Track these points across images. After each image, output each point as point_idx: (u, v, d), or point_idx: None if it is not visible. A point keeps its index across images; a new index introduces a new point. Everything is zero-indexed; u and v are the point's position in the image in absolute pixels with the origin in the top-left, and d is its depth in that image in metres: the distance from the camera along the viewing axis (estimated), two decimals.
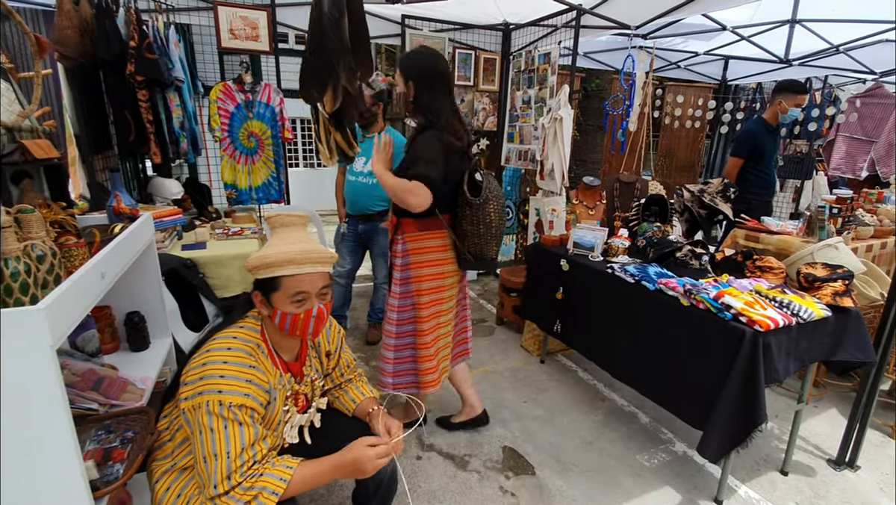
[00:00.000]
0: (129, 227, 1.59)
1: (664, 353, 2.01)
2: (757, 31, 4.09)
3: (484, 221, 1.87)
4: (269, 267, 1.21)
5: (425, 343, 2.00)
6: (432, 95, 1.85)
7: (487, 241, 1.91)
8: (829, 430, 2.46)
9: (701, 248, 2.24)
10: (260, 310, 1.28)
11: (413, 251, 1.95)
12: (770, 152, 3.27)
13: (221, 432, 1.10)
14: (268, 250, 1.22)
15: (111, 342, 1.83)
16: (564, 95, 3.49)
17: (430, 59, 1.88)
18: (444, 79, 1.88)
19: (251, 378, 1.17)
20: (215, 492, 1.10)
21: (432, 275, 1.97)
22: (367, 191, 2.91)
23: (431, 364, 2.02)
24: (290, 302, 1.22)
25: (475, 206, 1.85)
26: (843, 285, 1.88)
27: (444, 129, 1.82)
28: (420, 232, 1.93)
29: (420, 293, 1.97)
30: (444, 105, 1.85)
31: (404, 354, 2.06)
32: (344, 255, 3.06)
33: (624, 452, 2.24)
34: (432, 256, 1.96)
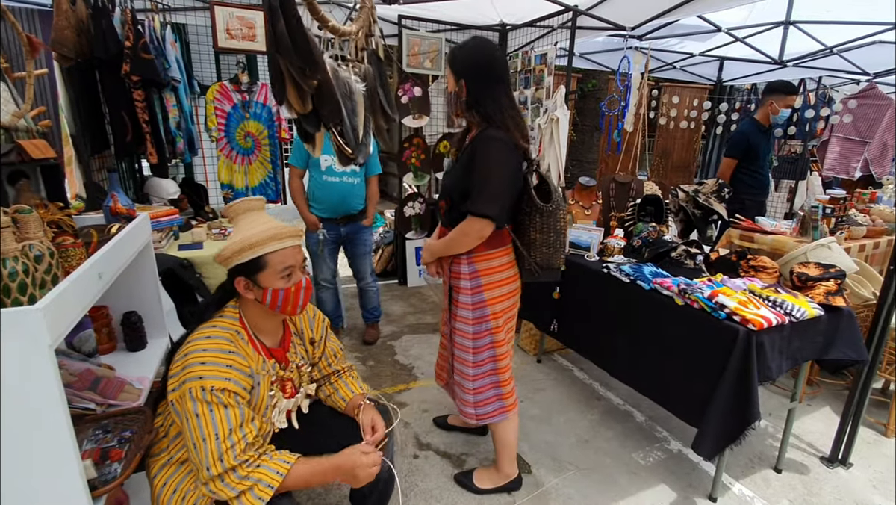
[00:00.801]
0: (126, 227, 1.59)
1: (660, 351, 2.02)
2: (751, 32, 4.11)
3: (555, 228, 1.67)
4: (252, 248, 1.23)
5: (504, 367, 1.83)
6: (489, 91, 1.61)
7: (557, 250, 1.71)
8: (822, 428, 2.48)
9: (696, 247, 2.26)
10: (245, 295, 1.28)
11: (484, 272, 1.73)
12: (763, 153, 3.30)
13: (207, 416, 1.12)
14: (244, 233, 1.24)
15: (108, 342, 1.83)
16: (560, 96, 3.51)
17: (483, 51, 1.64)
18: (500, 70, 1.65)
19: (231, 363, 1.19)
20: (209, 474, 1.11)
21: (505, 295, 1.78)
22: (354, 190, 2.88)
23: (511, 387, 1.88)
24: (280, 277, 1.27)
25: (546, 213, 1.64)
26: (835, 285, 1.90)
27: (507, 128, 1.59)
28: (489, 251, 1.72)
29: (496, 316, 1.78)
30: (503, 100, 1.62)
31: (485, 381, 1.85)
32: (327, 261, 3.00)
33: (619, 451, 2.26)
34: (504, 274, 1.76)
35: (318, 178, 2.80)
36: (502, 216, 1.62)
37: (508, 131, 1.58)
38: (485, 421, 1.87)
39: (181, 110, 2.88)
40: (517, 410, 1.91)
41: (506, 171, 1.58)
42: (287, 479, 1.16)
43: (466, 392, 1.85)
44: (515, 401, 1.90)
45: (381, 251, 4.94)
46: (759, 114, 3.30)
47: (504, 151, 1.57)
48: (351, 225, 2.95)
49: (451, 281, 1.81)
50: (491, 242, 1.70)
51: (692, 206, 2.42)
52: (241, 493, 1.12)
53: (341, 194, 2.84)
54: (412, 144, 4.18)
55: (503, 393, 1.85)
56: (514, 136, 1.59)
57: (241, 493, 1.12)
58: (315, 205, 2.87)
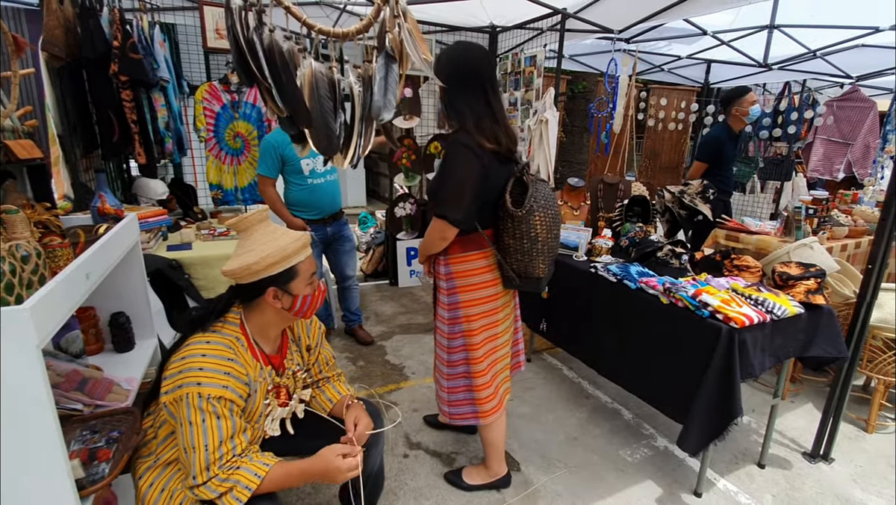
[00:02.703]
0: (114, 227, 1.59)
1: (646, 349, 2.05)
2: (737, 35, 4.18)
3: (528, 235, 1.62)
4: (287, 259, 1.27)
5: (480, 371, 1.79)
6: (462, 95, 1.61)
7: (533, 258, 1.65)
8: (804, 424, 2.53)
9: (681, 247, 2.30)
10: (272, 304, 1.29)
11: (458, 274, 1.74)
12: (729, 157, 3.40)
13: (200, 426, 1.13)
14: (276, 245, 1.25)
15: (95, 343, 1.83)
16: (550, 98, 3.54)
17: (461, 56, 1.64)
18: (479, 76, 1.62)
19: (230, 370, 1.19)
20: (194, 482, 1.14)
21: (482, 299, 1.75)
22: (336, 188, 2.90)
23: (488, 392, 1.82)
24: (307, 284, 1.33)
25: (517, 218, 1.62)
26: (815, 283, 1.95)
27: (472, 133, 1.58)
28: (464, 252, 1.72)
29: (470, 320, 1.76)
30: (478, 105, 1.61)
31: (458, 383, 1.85)
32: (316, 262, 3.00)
33: (607, 448, 2.29)
34: (480, 278, 1.74)
35: (303, 182, 2.77)
36: (463, 219, 1.61)
37: (474, 135, 1.58)
38: (459, 421, 1.88)
39: (170, 110, 2.87)
40: (499, 415, 1.87)
41: (463, 174, 1.57)
42: (265, 481, 1.18)
43: (442, 390, 1.89)
44: (494, 410, 1.84)
45: (373, 252, 4.94)
46: (732, 120, 3.37)
47: (465, 155, 1.57)
48: (335, 223, 2.97)
49: (435, 280, 1.84)
50: (466, 245, 1.71)
51: (678, 206, 2.46)
52: (222, 494, 1.15)
53: (329, 193, 2.85)
54: (403, 145, 4.19)
55: (476, 398, 1.81)
56: (480, 140, 1.57)
57: (222, 494, 1.15)
58: (301, 209, 2.83)
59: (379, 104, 1.08)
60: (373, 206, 8.26)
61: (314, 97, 1.09)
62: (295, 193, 2.83)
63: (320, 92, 1.09)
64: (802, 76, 5.17)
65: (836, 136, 5.17)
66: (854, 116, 5.01)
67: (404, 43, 0.89)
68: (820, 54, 4.35)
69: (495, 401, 1.85)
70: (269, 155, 2.68)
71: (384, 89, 1.03)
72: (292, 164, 2.73)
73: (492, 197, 1.67)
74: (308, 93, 1.08)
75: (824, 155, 5.31)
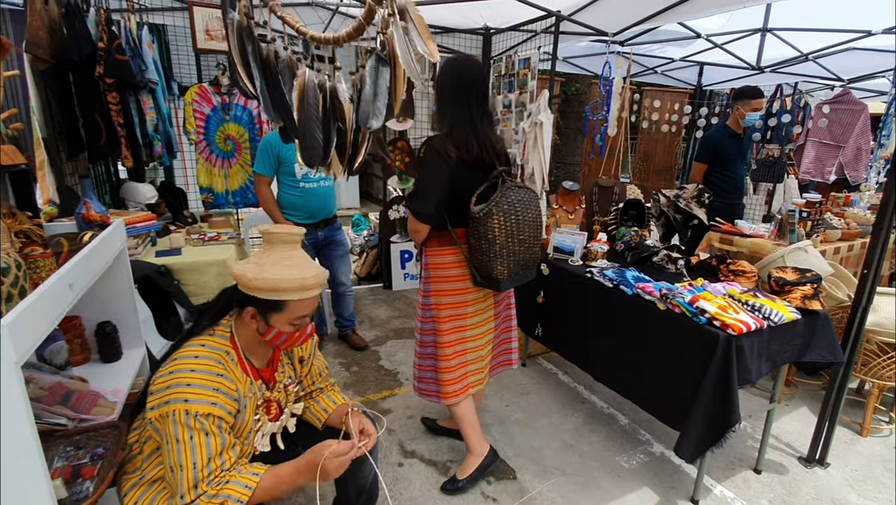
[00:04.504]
0: (99, 235, 1.55)
1: (642, 355, 2.04)
2: (730, 38, 4.19)
3: (486, 237, 1.73)
4: (278, 292, 1.19)
5: (445, 355, 1.94)
6: (449, 104, 1.78)
7: (491, 259, 1.75)
8: (800, 428, 2.53)
9: (677, 252, 2.28)
10: (247, 322, 1.25)
11: (433, 266, 1.91)
12: (733, 156, 3.39)
13: (187, 443, 1.10)
14: (278, 274, 1.19)
15: (81, 353, 1.78)
16: (544, 100, 3.52)
17: (453, 69, 1.80)
18: (461, 87, 1.76)
19: (219, 386, 1.16)
20: (182, 502, 1.10)
21: (450, 291, 1.90)
22: (329, 193, 2.87)
23: (451, 376, 1.95)
24: (290, 323, 1.25)
25: (475, 219, 1.74)
26: (811, 288, 1.94)
27: (442, 139, 1.75)
28: (438, 246, 1.89)
29: (439, 308, 1.91)
30: (458, 114, 1.75)
31: (426, 362, 2.03)
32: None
33: (603, 454, 2.27)
34: (450, 271, 1.89)
35: (295, 185, 2.74)
36: (431, 215, 1.78)
37: (444, 141, 1.74)
38: (424, 397, 2.06)
39: (158, 112, 2.82)
40: (462, 398, 1.97)
41: (430, 175, 1.76)
42: (256, 491, 1.15)
43: (414, 366, 2.08)
44: (454, 393, 1.95)
45: (366, 254, 4.90)
46: (730, 119, 3.38)
47: (432, 158, 1.74)
48: (328, 229, 2.93)
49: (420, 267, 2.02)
50: (441, 240, 1.88)
51: (673, 210, 2.45)
52: None
53: (321, 198, 2.82)
54: (396, 148, 4.15)
55: (441, 380, 1.96)
56: (448, 146, 1.73)
57: None
58: (292, 212, 2.79)
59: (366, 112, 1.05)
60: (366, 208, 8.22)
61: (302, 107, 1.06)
62: (287, 196, 2.79)
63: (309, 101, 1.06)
64: (795, 79, 5.20)
65: (827, 139, 5.19)
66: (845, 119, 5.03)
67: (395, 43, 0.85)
68: (812, 57, 4.37)
69: (457, 386, 1.97)
70: (266, 154, 2.66)
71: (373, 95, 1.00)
72: (286, 165, 2.70)
73: (462, 198, 1.78)
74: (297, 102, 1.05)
75: (816, 157, 5.33)
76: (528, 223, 1.78)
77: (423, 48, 0.89)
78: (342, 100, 1.12)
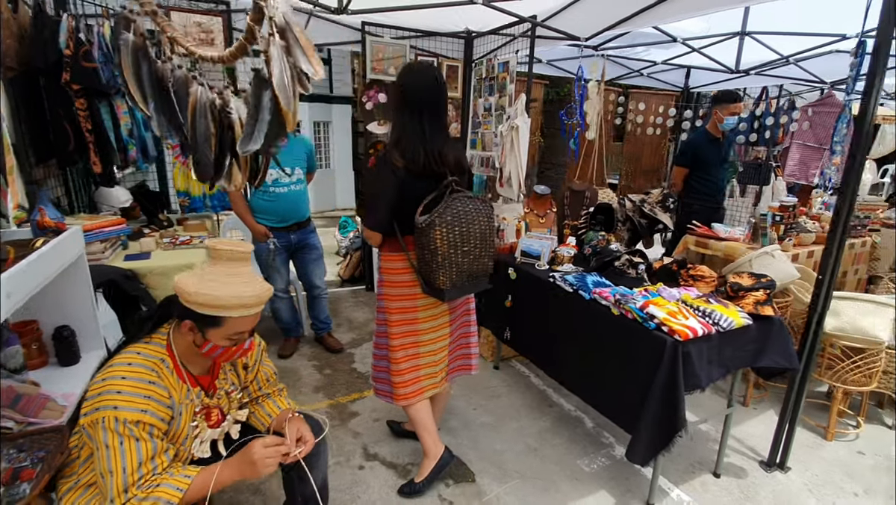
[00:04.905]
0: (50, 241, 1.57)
1: (600, 360, 2.05)
2: (708, 42, 4.20)
3: (428, 247, 1.73)
4: (216, 308, 1.19)
5: (396, 359, 1.97)
6: (398, 113, 1.81)
7: (433, 269, 1.76)
8: (764, 432, 2.53)
9: (639, 256, 2.30)
10: (184, 334, 1.26)
11: (384, 270, 1.95)
12: (713, 161, 3.41)
13: (117, 449, 1.12)
14: (217, 290, 1.19)
15: (39, 357, 1.81)
16: (521, 104, 3.53)
17: (406, 78, 1.82)
18: (412, 95, 1.77)
19: (150, 394, 1.18)
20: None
21: (399, 296, 1.93)
22: (302, 197, 2.91)
23: (402, 379, 1.98)
24: (227, 339, 1.26)
25: (418, 228, 1.74)
26: (764, 294, 1.95)
27: (389, 148, 1.79)
28: (388, 252, 1.92)
29: (390, 312, 1.96)
30: (407, 123, 1.77)
31: (381, 363, 2.08)
32: (280, 270, 2.97)
33: (565, 458, 2.28)
34: (399, 277, 1.91)
35: (265, 190, 2.78)
36: (378, 223, 1.83)
37: (391, 151, 1.78)
38: (380, 397, 2.12)
39: (133, 117, 2.84)
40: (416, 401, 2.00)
41: (377, 185, 1.82)
42: (189, 492, 1.17)
43: (372, 364, 2.15)
44: (407, 396, 1.99)
45: (350, 257, 4.93)
46: (710, 124, 3.40)
47: (380, 169, 1.79)
48: (300, 232, 2.95)
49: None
50: (392, 247, 1.91)
51: (638, 215, 2.47)
52: None
53: (292, 203, 2.84)
54: (377, 151, 4.17)
55: (393, 382, 2.00)
56: (395, 156, 1.76)
57: None
58: (264, 216, 2.82)
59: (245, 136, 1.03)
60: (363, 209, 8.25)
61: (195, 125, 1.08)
62: (258, 201, 2.82)
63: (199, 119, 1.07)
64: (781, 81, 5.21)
65: (811, 141, 5.19)
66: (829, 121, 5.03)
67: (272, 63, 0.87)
68: (793, 60, 4.37)
69: (409, 389, 2.00)
70: None
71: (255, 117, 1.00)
72: None
73: (410, 207, 1.78)
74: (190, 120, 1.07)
75: (800, 160, 5.34)
76: (474, 235, 1.77)
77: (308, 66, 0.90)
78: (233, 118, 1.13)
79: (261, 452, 1.24)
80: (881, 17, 1.72)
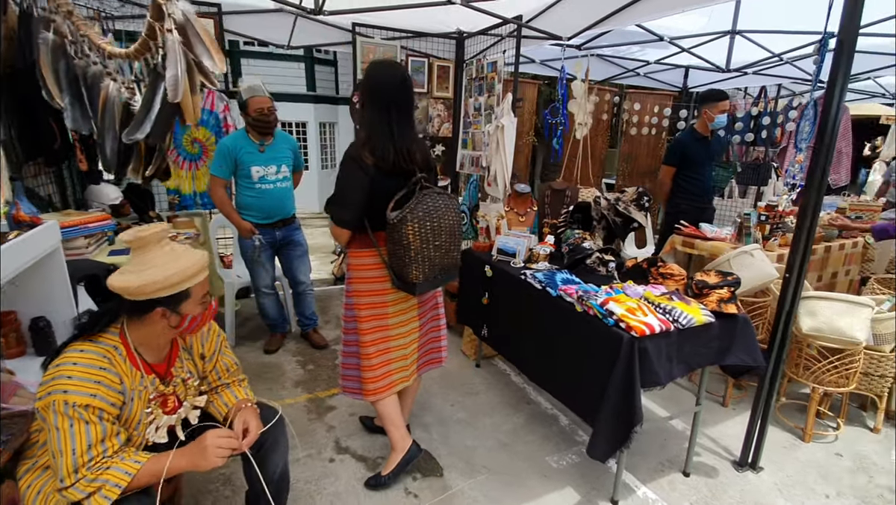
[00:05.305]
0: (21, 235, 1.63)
1: (566, 356, 2.07)
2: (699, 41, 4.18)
3: (401, 243, 1.75)
4: (183, 282, 1.28)
5: (367, 354, 1.98)
6: (367, 109, 1.81)
7: (406, 264, 1.78)
8: (740, 432, 2.50)
9: (610, 255, 2.30)
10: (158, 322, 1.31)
11: (353, 266, 1.96)
12: (701, 160, 3.39)
13: (67, 431, 1.16)
14: (173, 267, 1.26)
15: (17, 346, 1.87)
16: (507, 104, 3.56)
17: (371, 72, 1.84)
18: (383, 95, 1.78)
19: (100, 379, 1.22)
20: (62, 485, 1.17)
21: (369, 291, 1.94)
22: (286, 194, 2.95)
23: (373, 374, 1.99)
24: (199, 304, 1.35)
25: (390, 224, 1.76)
26: (728, 292, 1.95)
27: (359, 146, 1.78)
28: (358, 249, 1.92)
29: (359, 308, 1.96)
30: (377, 122, 1.78)
31: (350, 360, 2.08)
32: (266, 266, 3.02)
33: (536, 454, 2.30)
34: (368, 273, 1.93)
35: (251, 186, 2.83)
36: (347, 220, 1.84)
37: (360, 148, 1.78)
38: (348, 394, 2.12)
39: None
40: (385, 396, 2.01)
41: (345, 181, 1.81)
42: (138, 476, 1.21)
43: (339, 363, 2.15)
44: (378, 391, 2.00)
45: (343, 255, 4.97)
46: (698, 123, 3.39)
47: (347, 164, 1.80)
48: (286, 228, 3.00)
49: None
50: (361, 243, 1.91)
51: (613, 213, 2.47)
52: (90, 494, 1.17)
53: (277, 199, 2.89)
54: None
55: (363, 378, 2.01)
56: (363, 153, 1.77)
57: (90, 494, 1.17)
58: (249, 213, 2.88)
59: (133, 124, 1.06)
60: None
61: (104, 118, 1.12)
62: (244, 197, 2.88)
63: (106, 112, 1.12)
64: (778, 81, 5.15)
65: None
66: None
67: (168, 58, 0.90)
68: (787, 59, 4.33)
69: (379, 384, 2.01)
70: (223, 157, 2.75)
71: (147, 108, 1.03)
72: (243, 168, 2.79)
73: (381, 204, 1.79)
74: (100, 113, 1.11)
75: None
76: (444, 229, 1.81)
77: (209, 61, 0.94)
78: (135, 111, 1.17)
79: (213, 442, 1.29)
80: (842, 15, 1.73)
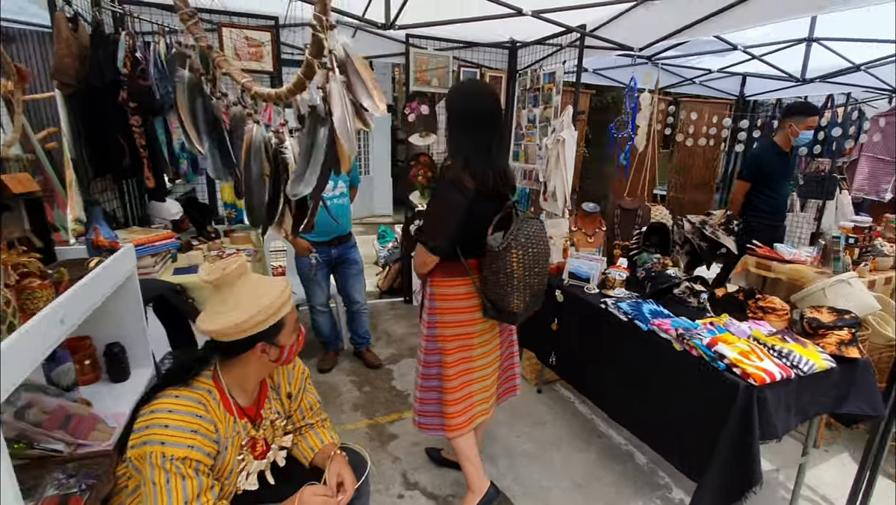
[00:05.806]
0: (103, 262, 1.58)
1: (657, 397, 1.91)
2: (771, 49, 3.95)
3: (504, 271, 1.66)
4: (276, 314, 1.23)
5: (451, 388, 1.88)
6: (462, 132, 1.75)
7: (508, 293, 1.69)
8: (838, 478, 2.31)
9: (700, 284, 2.14)
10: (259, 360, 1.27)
11: (439, 297, 1.84)
12: (779, 176, 3.16)
13: (163, 487, 1.09)
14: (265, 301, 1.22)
15: (92, 372, 1.83)
16: (568, 116, 3.41)
17: (469, 93, 1.80)
18: (472, 115, 1.73)
19: (197, 428, 1.15)
20: None
21: (457, 322, 1.85)
22: (343, 211, 2.89)
23: (456, 409, 1.89)
24: (293, 331, 1.32)
25: (492, 253, 1.68)
26: (849, 333, 1.77)
27: (458, 170, 1.68)
28: (444, 278, 1.81)
29: (445, 340, 1.86)
30: (474, 144, 1.71)
31: (430, 395, 1.96)
32: (322, 285, 2.97)
33: (615, 499, 2.14)
34: (458, 303, 1.83)
35: None
36: (442, 248, 1.73)
37: (459, 172, 1.67)
38: (425, 431, 1.99)
39: None
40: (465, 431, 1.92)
41: (444, 207, 1.72)
42: None
43: (415, 400, 1.99)
44: (459, 426, 1.90)
45: (389, 268, 4.90)
46: (779, 137, 3.16)
47: (445, 189, 1.70)
48: (341, 246, 2.94)
49: (422, 298, 1.96)
50: (449, 271, 1.80)
51: (698, 238, 2.30)
52: None
53: (334, 216, 2.82)
54: (419, 163, 4.13)
55: (446, 413, 1.90)
56: (464, 176, 1.66)
57: None
58: None
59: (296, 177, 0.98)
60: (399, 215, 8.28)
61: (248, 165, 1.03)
62: None
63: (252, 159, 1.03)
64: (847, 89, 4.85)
65: (882, 154, 4.81)
66: None
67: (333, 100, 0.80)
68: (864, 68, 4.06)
69: (462, 418, 1.91)
70: None
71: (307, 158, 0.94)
72: None
73: (476, 229, 1.72)
74: (243, 160, 1.03)
75: (870, 173, 4.95)
76: (541, 255, 1.73)
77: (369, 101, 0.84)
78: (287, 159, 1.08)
79: (310, 502, 1.24)
80: None
